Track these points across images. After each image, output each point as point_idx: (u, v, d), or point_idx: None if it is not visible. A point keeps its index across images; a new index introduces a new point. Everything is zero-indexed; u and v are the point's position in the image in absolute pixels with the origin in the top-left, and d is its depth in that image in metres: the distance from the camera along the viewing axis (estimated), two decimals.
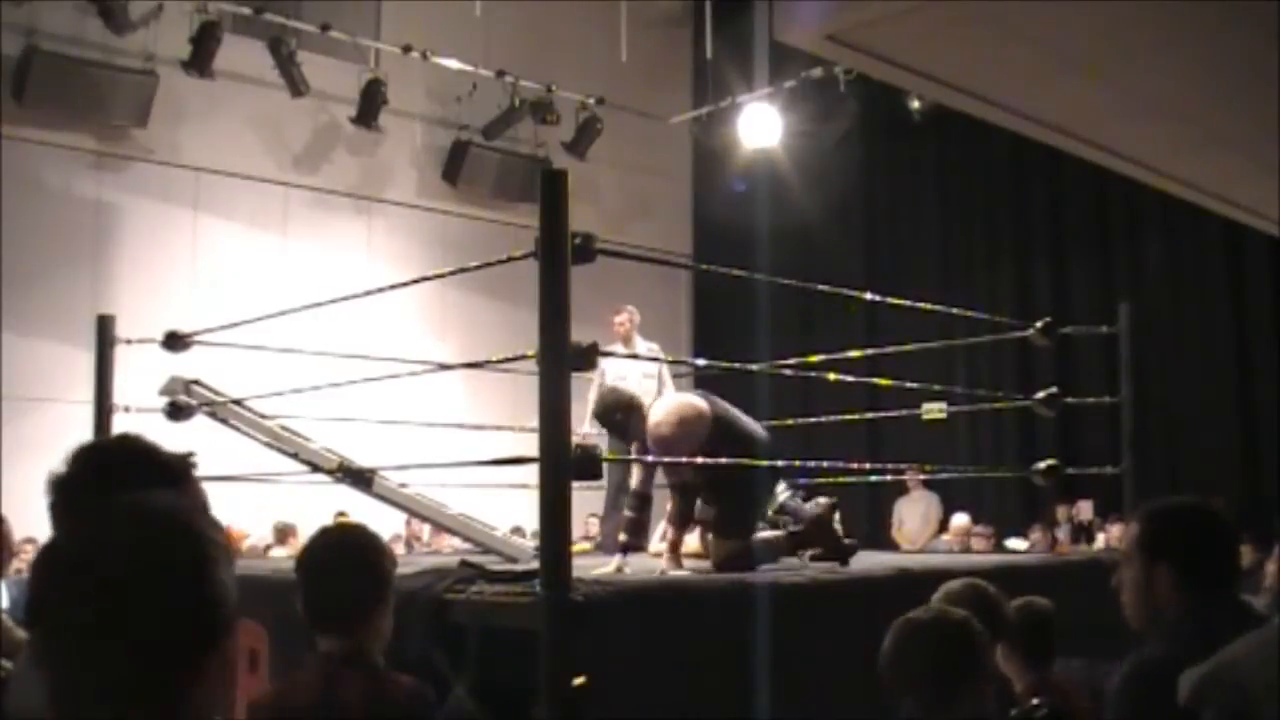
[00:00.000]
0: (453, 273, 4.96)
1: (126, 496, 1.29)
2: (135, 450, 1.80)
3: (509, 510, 7.23)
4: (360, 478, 5.24)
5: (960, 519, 10.28)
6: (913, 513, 11.12)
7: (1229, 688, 1.77)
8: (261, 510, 9.55)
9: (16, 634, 4.42)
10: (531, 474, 3.31)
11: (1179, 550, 2.38)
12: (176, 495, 1.56)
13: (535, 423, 3.30)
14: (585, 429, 6.32)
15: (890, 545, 10.56)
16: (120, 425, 5.46)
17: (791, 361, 6.51)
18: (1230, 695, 1.77)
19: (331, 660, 2.47)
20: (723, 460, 4.96)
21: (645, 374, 7.07)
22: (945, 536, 10.42)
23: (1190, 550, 2.39)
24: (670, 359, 7.82)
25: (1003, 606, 3.29)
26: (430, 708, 2.60)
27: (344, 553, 2.60)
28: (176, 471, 1.79)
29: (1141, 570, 2.41)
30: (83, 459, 1.77)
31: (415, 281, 5.89)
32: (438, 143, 12.56)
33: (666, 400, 5.31)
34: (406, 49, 11.43)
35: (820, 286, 5.57)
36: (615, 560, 4.75)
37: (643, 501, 4.93)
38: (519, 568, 4.25)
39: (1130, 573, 2.43)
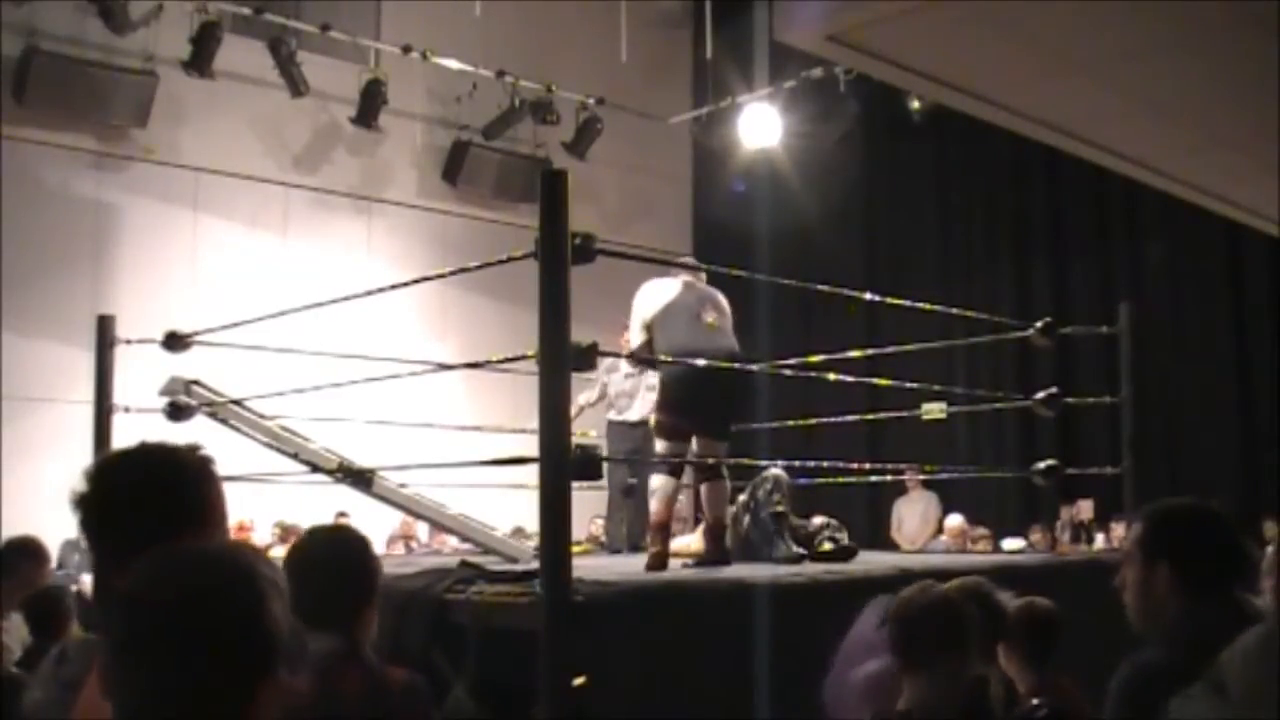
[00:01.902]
0: (453, 273, 4.97)
1: (190, 544, 1.48)
2: (154, 460, 1.80)
3: (509, 510, 7.23)
4: (360, 478, 5.24)
5: (954, 519, 10.27)
6: (912, 513, 11.11)
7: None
8: (261, 510, 9.56)
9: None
10: (531, 474, 3.31)
11: (1178, 551, 2.39)
12: (233, 543, 1.68)
13: (535, 423, 3.30)
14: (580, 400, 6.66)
15: (890, 545, 10.55)
16: (120, 425, 5.46)
17: (791, 361, 6.51)
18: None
19: (327, 658, 2.48)
20: (707, 462, 4.96)
21: (648, 385, 7.19)
22: (942, 536, 10.39)
23: (1189, 551, 2.39)
24: (668, 359, 7.83)
25: (1003, 606, 3.29)
26: (425, 698, 2.62)
27: (331, 552, 2.64)
28: (197, 476, 1.79)
29: (1142, 570, 2.41)
30: (103, 474, 1.77)
31: (415, 281, 5.91)
32: (438, 143, 12.56)
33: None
34: (406, 49, 11.43)
35: (820, 286, 5.57)
36: None
37: None
38: (519, 568, 4.25)
39: (1132, 572, 2.44)
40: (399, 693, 2.52)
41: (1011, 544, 9.74)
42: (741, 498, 5.80)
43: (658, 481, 5.31)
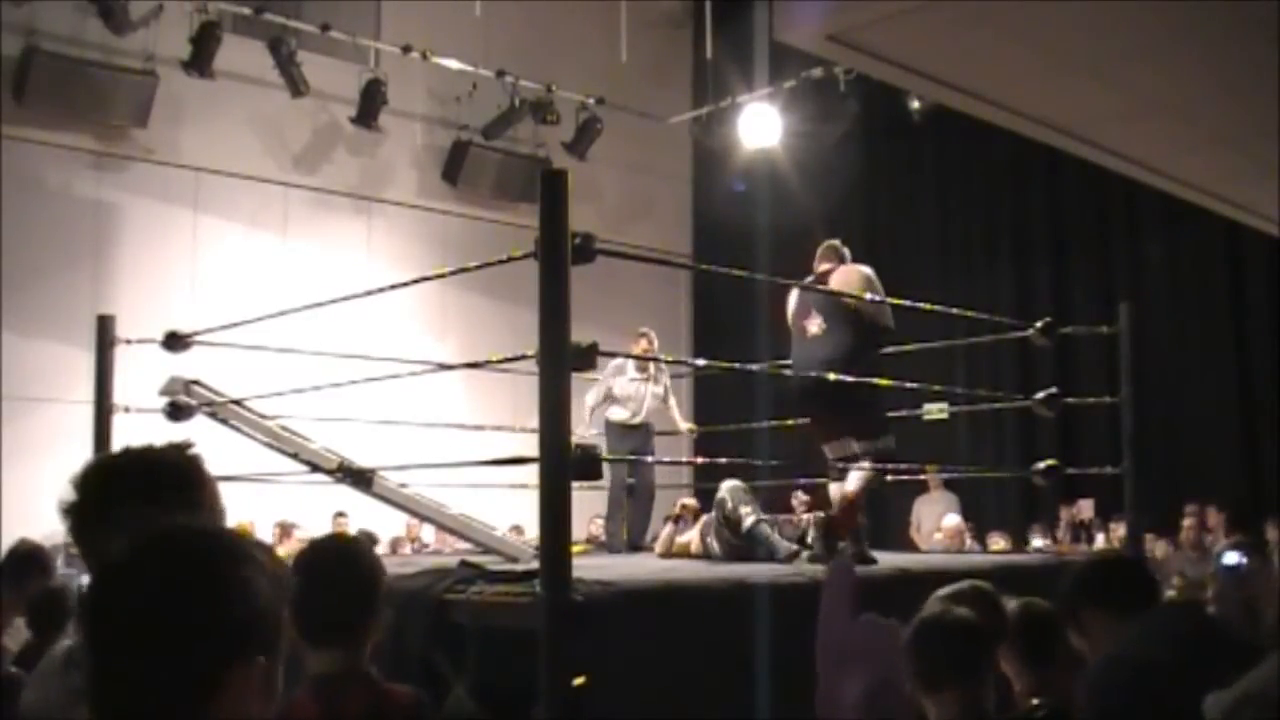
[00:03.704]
0: (453, 273, 4.96)
1: (167, 520, 1.37)
2: (141, 463, 1.78)
3: (509, 510, 7.23)
4: (360, 478, 5.23)
5: (951, 519, 10.22)
6: (931, 513, 10.90)
7: (1257, 708, 1.87)
8: (261, 510, 9.55)
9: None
10: (531, 474, 3.31)
11: (1089, 596, 2.87)
12: (214, 521, 1.65)
13: (535, 423, 3.30)
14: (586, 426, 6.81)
15: (907, 545, 10.48)
16: (120, 425, 5.46)
17: (791, 361, 6.49)
18: (1258, 714, 1.88)
19: (329, 678, 2.43)
20: (715, 459, 4.95)
21: (653, 392, 7.30)
22: (936, 536, 10.29)
23: (1097, 590, 2.87)
24: (669, 359, 7.87)
25: (1002, 607, 3.28)
26: (428, 716, 2.59)
27: (341, 567, 2.55)
28: (186, 476, 1.77)
29: (1081, 629, 2.83)
30: (89, 481, 1.75)
31: (415, 281, 5.90)
32: (438, 143, 12.55)
33: None
34: (406, 49, 11.43)
35: (820, 287, 5.57)
36: None
37: None
38: (519, 568, 4.25)
39: (1079, 639, 2.85)
40: (402, 711, 2.47)
41: (1038, 543, 9.79)
42: (705, 517, 5.81)
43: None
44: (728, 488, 5.70)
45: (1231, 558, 3.49)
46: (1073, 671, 3.40)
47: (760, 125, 11.91)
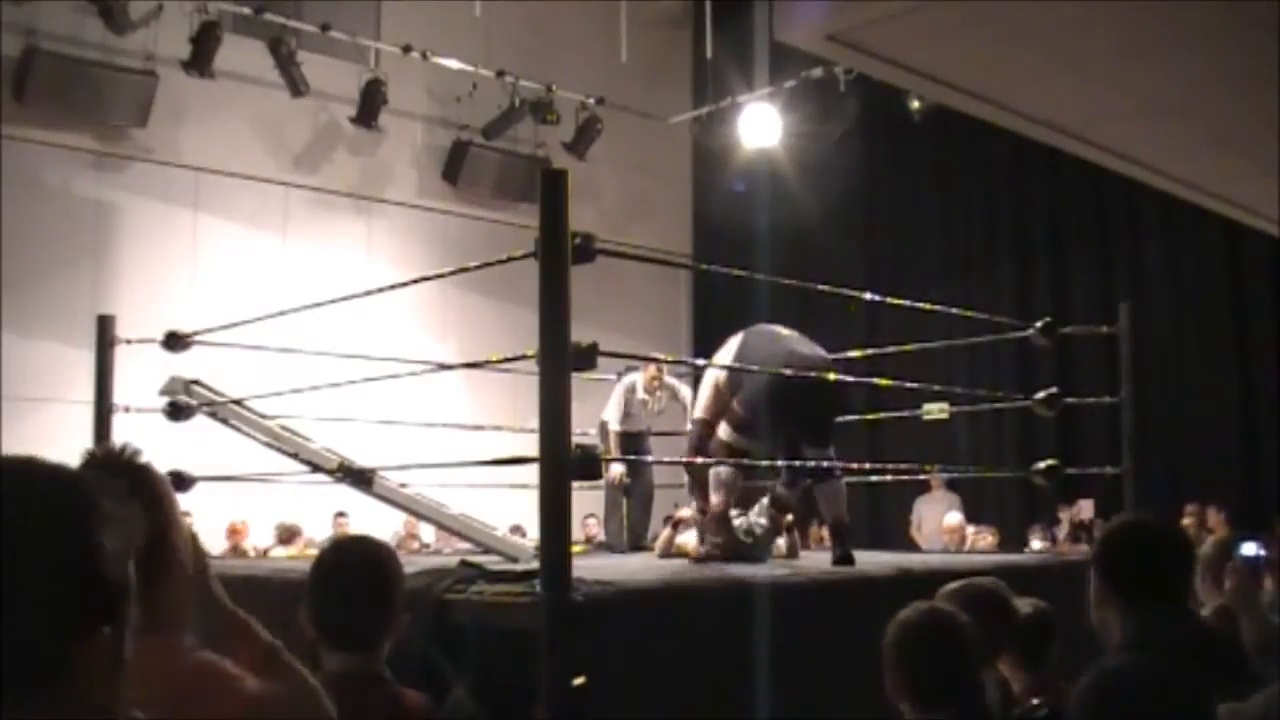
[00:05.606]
0: (453, 273, 4.96)
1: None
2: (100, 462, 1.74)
3: (509, 510, 7.23)
4: (360, 478, 5.23)
5: (953, 517, 10.23)
6: (933, 513, 10.87)
7: None
8: (262, 510, 9.55)
9: None
10: (531, 474, 3.31)
11: (1114, 567, 2.60)
12: (173, 530, 1.55)
13: (535, 423, 3.30)
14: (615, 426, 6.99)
15: (909, 545, 10.48)
16: (120, 425, 5.46)
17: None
18: None
19: (349, 680, 2.42)
20: (730, 462, 4.96)
21: (658, 409, 7.37)
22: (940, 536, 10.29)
23: (1124, 567, 2.59)
24: (670, 359, 7.89)
25: (1012, 606, 3.28)
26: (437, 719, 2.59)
27: (362, 569, 2.53)
28: (144, 478, 1.73)
29: (1095, 587, 2.61)
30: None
31: (415, 281, 5.90)
32: (438, 143, 12.56)
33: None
34: (406, 49, 11.44)
35: (820, 286, 5.57)
36: None
37: None
38: (519, 568, 4.24)
39: (1091, 589, 2.63)
40: (415, 715, 2.46)
41: (1037, 544, 9.79)
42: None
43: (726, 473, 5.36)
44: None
45: (1250, 548, 3.46)
46: (1070, 672, 3.40)
47: (760, 125, 11.91)
